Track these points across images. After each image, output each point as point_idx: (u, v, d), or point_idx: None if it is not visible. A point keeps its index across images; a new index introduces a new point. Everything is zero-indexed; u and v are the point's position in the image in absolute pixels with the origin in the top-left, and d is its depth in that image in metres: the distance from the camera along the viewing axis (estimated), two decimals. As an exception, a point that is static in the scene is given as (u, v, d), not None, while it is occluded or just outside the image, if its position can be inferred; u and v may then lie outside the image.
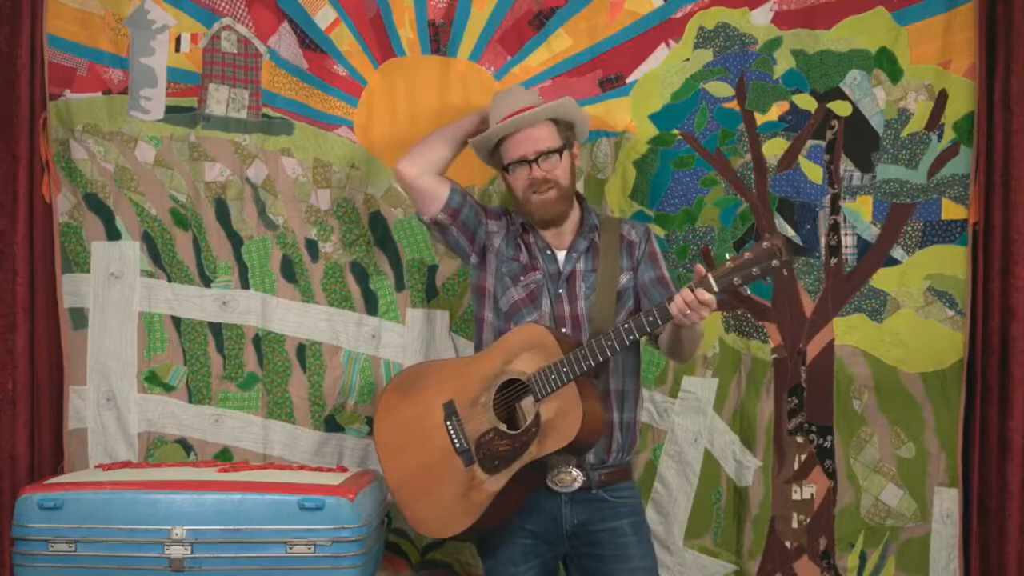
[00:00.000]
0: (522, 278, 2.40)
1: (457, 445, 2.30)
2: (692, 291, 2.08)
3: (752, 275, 2.06)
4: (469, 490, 2.26)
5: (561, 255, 2.41)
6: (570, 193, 2.40)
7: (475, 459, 2.27)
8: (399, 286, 2.90)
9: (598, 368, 2.22)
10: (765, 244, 2.05)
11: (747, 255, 2.06)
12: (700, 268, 2.11)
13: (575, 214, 2.44)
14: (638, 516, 2.40)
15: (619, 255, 2.39)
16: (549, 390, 2.19)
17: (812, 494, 2.79)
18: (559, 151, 2.36)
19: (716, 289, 2.08)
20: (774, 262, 2.04)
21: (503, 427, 2.25)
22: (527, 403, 2.26)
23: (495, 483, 2.24)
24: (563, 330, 2.33)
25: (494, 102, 2.50)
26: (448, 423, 2.32)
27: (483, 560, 2.43)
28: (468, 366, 2.35)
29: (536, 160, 2.34)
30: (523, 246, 2.44)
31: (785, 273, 2.08)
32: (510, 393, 2.28)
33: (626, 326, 2.17)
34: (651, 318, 2.15)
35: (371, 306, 2.90)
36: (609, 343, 2.17)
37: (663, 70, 2.82)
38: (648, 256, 2.43)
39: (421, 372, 2.45)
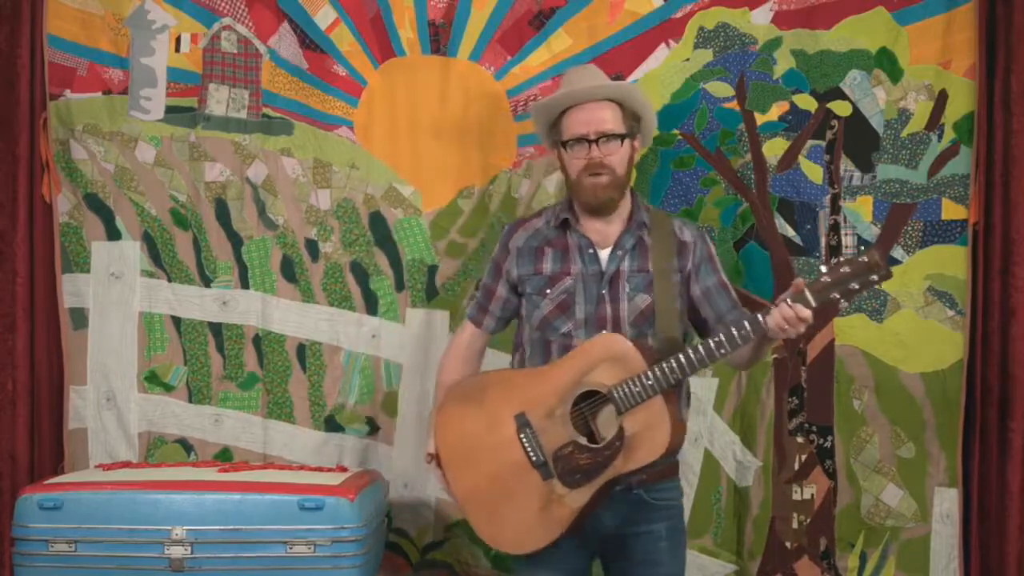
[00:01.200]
0: (549, 291, 2.27)
1: (534, 459, 2.17)
2: (791, 306, 2.01)
3: (850, 290, 1.99)
4: (549, 504, 2.16)
5: (604, 253, 2.27)
6: (624, 183, 2.27)
7: (554, 473, 2.16)
8: (399, 286, 2.90)
9: (683, 381, 2.16)
10: (864, 258, 1.98)
11: (845, 269, 1.99)
12: (799, 282, 2.03)
13: (624, 208, 2.30)
14: (675, 520, 2.30)
15: (672, 255, 2.29)
16: (634, 403, 2.10)
17: (812, 494, 2.79)
18: (620, 137, 2.24)
19: (814, 304, 2.01)
20: (873, 276, 1.97)
21: (583, 440, 2.14)
22: (606, 416, 2.16)
23: (578, 498, 2.14)
24: (603, 332, 2.22)
25: (566, 75, 2.43)
26: (522, 435, 2.18)
27: (511, 560, 2.32)
28: (539, 377, 2.22)
29: (596, 141, 2.22)
30: (551, 251, 2.30)
31: (879, 288, 2.01)
32: (587, 405, 2.18)
33: (717, 339, 2.07)
34: (743, 332, 2.06)
35: (371, 306, 2.90)
36: (698, 356, 2.08)
37: (663, 70, 2.82)
38: (707, 259, 2.32)
39: (482, 383, 2.31)
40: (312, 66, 2.90)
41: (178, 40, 2.90)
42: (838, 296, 2.00)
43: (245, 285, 2.90)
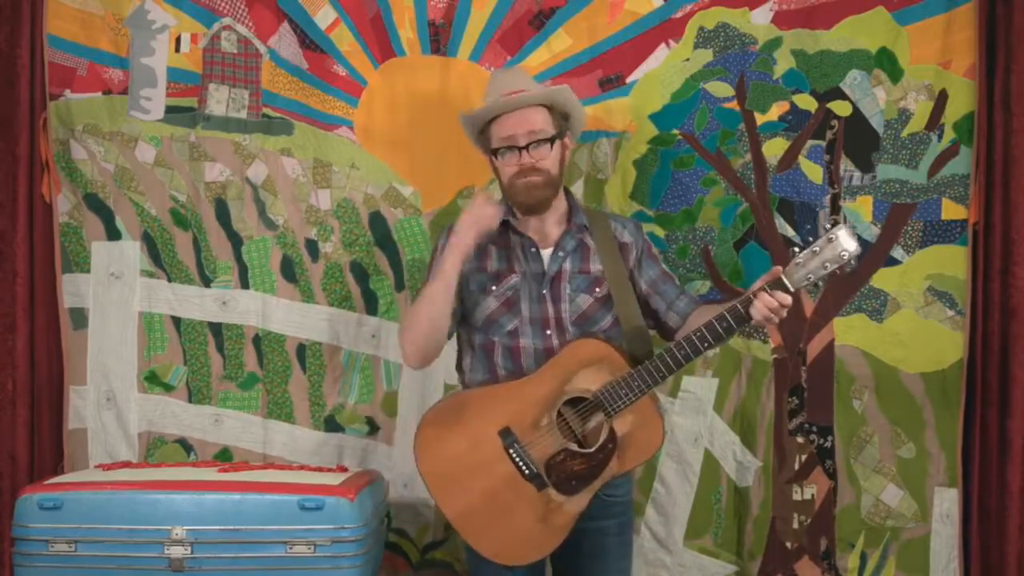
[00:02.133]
0: (494, 288, 2.28)
1: (526, 471, 2.18)
2: (771, 294, 2.03)
3: (824, 268, 2.03)
4: (548, 514, 2.18)
5: (546, 253, 2.30)
6: (557, 182, 2.29)
7: (548, 483, 2.18)
8: (399, 286, 2.90)
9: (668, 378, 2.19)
10: (830, 236, 2.02)
11: (816, 249, 2.03)
12: (777, 269, 2.06)
13: (560, 206, 2.33)
14: (626, 515, 2.35)
15: (616, 254, 2.31)
16: (623, 404, 2.13)
17: (812, 494, 2.79)
18: (551, 140, 2.24)
19: (792, 289, 2.04)
20: (843, 254, 2.01)
21: (575, 447, 2.17)
22: (594, 420, 2.19)
23: (577, 504, 2.17)
24: (547, 332, 2.25)
25: (491, 80, 2.42)
26: (511, 450, 2.19)
27: (468, 559, 2.35)
28: (518, 390, 2.23)
29: (527, 147, 2.22)
30: (494, 249, 2.32)
31: (853, 263, 2.02)
32: (574, 412, 2.20)
33: (699, 334, 2.10)
34: (725, 324, 2.08)
35: (371, 306, 2.90)
36: (683, 352, 2.11)
37: (663, 70, 2.82)
38: (646, 252, 2.36)
39: (458, 403, 2.29)
40: (312, 66, 2.90)
41: (178, 40, 2.90)
42: (814, 277, 2.04)
43: (245, 285, 2.90)
